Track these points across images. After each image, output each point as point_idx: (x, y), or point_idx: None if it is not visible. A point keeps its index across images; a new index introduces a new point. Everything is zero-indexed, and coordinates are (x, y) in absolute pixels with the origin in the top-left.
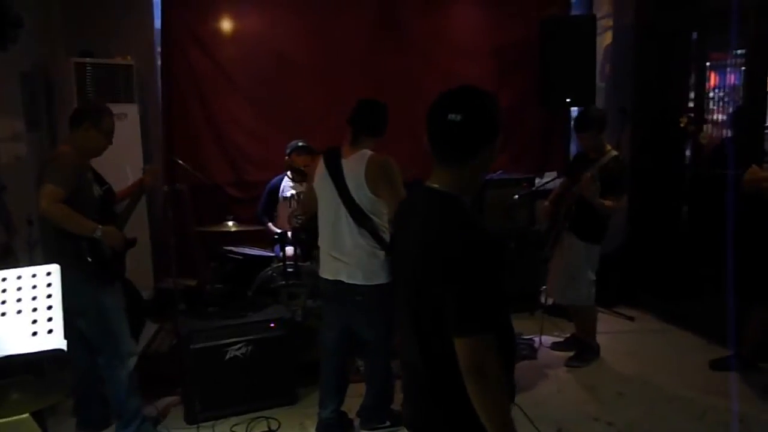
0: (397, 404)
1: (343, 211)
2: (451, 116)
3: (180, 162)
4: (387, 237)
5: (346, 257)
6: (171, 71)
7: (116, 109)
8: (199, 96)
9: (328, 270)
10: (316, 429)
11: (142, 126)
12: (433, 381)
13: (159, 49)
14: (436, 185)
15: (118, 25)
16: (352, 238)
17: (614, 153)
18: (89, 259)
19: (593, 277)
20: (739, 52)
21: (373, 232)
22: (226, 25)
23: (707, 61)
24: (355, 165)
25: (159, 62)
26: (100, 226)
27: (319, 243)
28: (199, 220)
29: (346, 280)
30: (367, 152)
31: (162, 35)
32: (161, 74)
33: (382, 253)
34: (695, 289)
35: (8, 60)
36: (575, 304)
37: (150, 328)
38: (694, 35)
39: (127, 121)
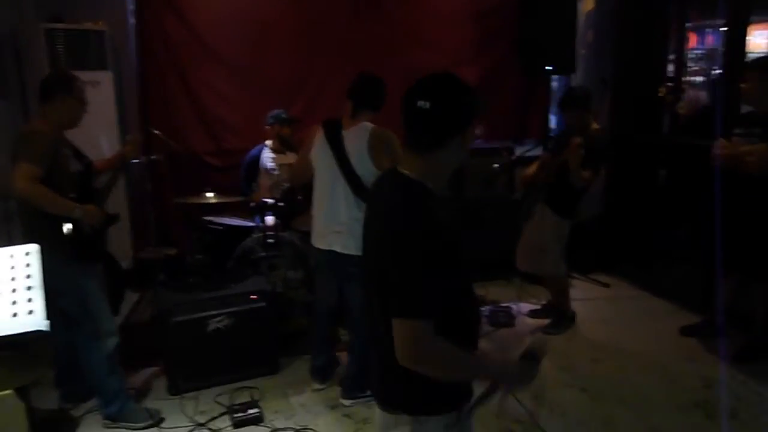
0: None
1: (341, 182)
2: (420, 103)
3: (156, 132)
4: None
5: (341, 228)
6: (145, 37)
7: (89, 76)
8: (175, 63)
9: (322, 240)
10: (311, 373)
11: (116, 94)
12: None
13: (133, 14)
14: (403, 170)
15: None
16: (348, 209)
17: (595, 127)
18: (68, 240)
19: (561, 251)
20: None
21: None
22: None
23: (686, 29)
24: (356, 137)
25: (133, 28)
26: (78, 206)
27: (313, 213)
28: (178, 190)
29: (339, 251)
30: (368, 124)
31: (136, 1)
32: (135, 41)
33: None
34: (669, 257)
35: None
36: (542, 273)
37: (130, 298)
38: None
39: (101, 89)
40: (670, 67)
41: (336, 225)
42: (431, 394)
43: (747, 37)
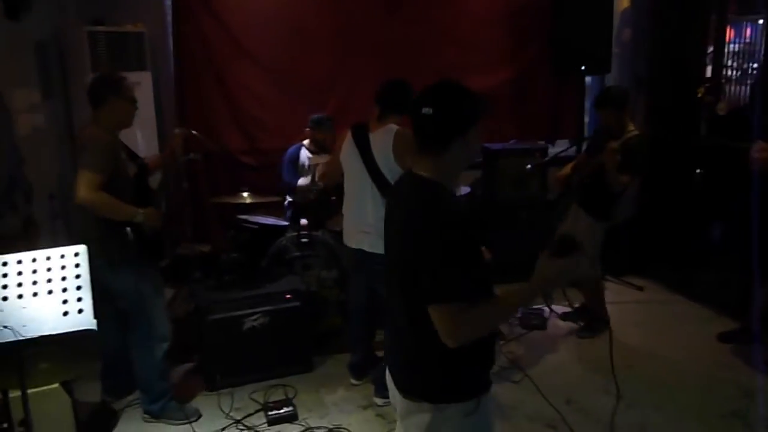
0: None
1: (368, 182)
2: (425, 110)
3: (194, 132)
4: None
5: (369, 227)
6: (183, 39)
7: (129, 77)
8: (211, 64)
9: (352, 239)
10: (349, 368)
11: (155, 94)
12: (417, 345)
13: (171, 16)
14: (419, 171)
15: None
16: (375, 209)
17: (636, 132)
18: (131, 243)
19: (595, 253)
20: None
21: None
22: None
23: (725, 25)
24: (381, 138)
25: (171, 29)
26: (141, 210)
27: (344, 212)
28: (214, 188)
29: (367, 249)
30: (394, 126)
31: (173, 1)
32: (173, 42)
33: None
34: (705, 261)
35: (22, 30)
36: (579, 277)
37: (166, 294)
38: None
39: (140, 89)
40: (709, 66)
41: (364, 225)
42: (451, 382)
43: None
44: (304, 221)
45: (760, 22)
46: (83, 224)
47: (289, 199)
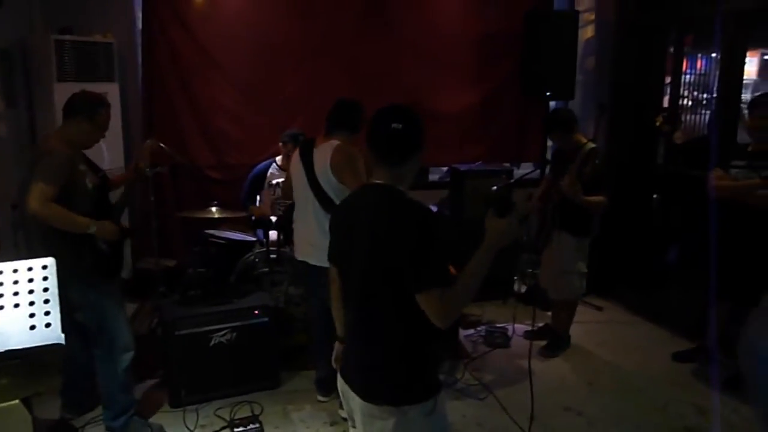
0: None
1: (311, 196)
2: (395, 125)
3: (161, 145)
4: None
5: (313, 241)
6: (152, 50)
7: (96, 88)
8: (180, 76)
9: (300, 251)
10: (315, 384)
11: (122, 106)
12: (382, 348)
13: (140, 27)
14: (379, 181)
15: (99, 1)
16: (318, 223)
17: (591, 146)
18: (86, 256)
19: (584, 269)
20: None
21: None
22: (210, 4)
23: (683, 57)
24: (323, 153)
25: (140, 40)
26: (93, 222)
27: (293, 225)
28: (179, 202)
29: (311, 262)
30: (335, 142)
31: (143, 13)
32: (142, 53)
33: None
34: (662, 283)
35: None
36: (568, 298)
37: (128, 309)
38: (673, 33)
39: (108, 100)
40: (667, 95)
41: (310, 238)
42: (413, 384)
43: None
44: (273, 234)
45: (713, 55)
46: (42, 236)
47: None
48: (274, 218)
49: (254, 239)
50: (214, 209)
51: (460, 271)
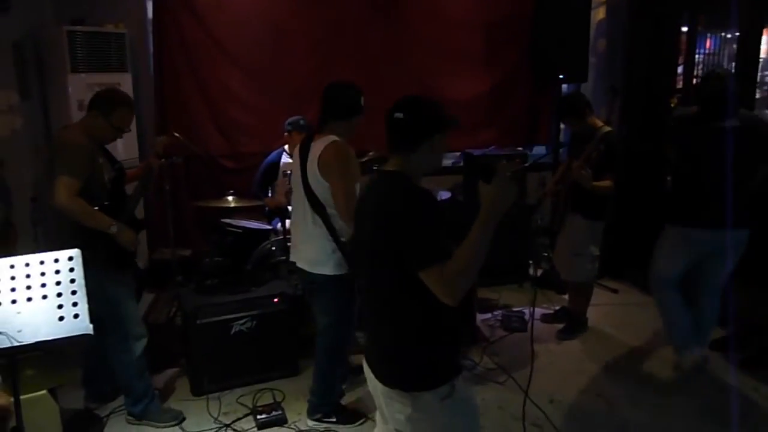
0: (346, 400)
1: (302, 194)
2: (397, 115)
3: (176, 134)
4: (341, 228)
5: (301, 243)
6: (163, 40)
7: (109, 78)
8: (192, 66)
9: (292, 252)
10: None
11: (135, 96)
12: (394, 334)
13: (151, 17)
14: (389, 168)
15: None
16: (306, 224)
17: (606, 129)
18: (102, 249)
19: (597, 252)
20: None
21: (327, 222)
22: None
23: (697, 38)
24: (315, 150)
25: (151, 30)
26: (115, 223)
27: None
28: (194, 192)
29: (299, 264)
30: (331, 138)
31: (154, 2)
32: (153, 43)
33: (331, 245)
34: None
35: (0, 30)
36: (580, 280)
37: (146, 298)
38: (686, 13)
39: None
40: (680, 76)
41: (298, 239)
42: (424, 369)
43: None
44: (289, 223)
45: (724, 34)
46: (59, 227)
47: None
48: (290, 207)
49: (270, 228)
50: (230, 198)
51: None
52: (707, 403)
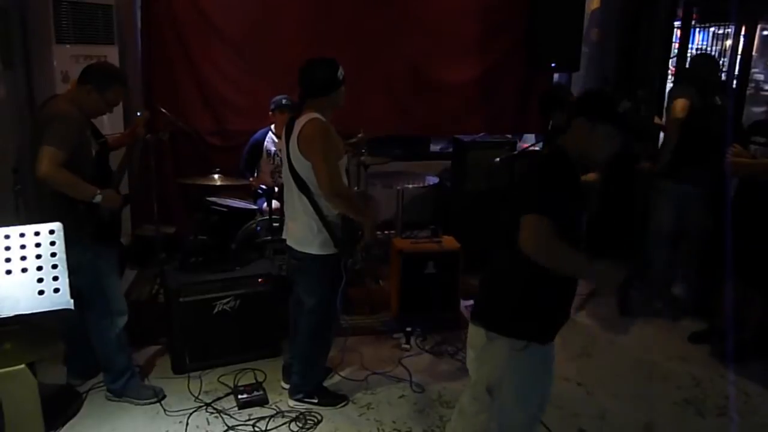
0: (328, 382)
1: (288, 173)
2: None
3: (163, 110)
4: (326, 208)
5: (290, 221)
6: (151, 13)
7: (95, 51)
8: (181, 41)
9: (284, 230)
10: (282, 372)
11: (121, 70)
12: (502, 279)
13: None
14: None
15: None
16: (293, 202)
17: None
18: (86, 221)
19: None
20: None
21: (312, 201)
22: None
23: (691, 30)
24: (296, 129)
25: (140, 3)
26: (99, 191)
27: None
28: (179, 169)
29: (288, 242)
30: (311, 116)
31: None
32: (141, 16)
33: (317, 224)
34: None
35: None
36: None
37: (128, 275)
38: (681, 6)
39: None
40: (672, 69)
41: (288, 217)
42: (508, 318)
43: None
44: (276, 204)
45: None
46: (40, 199)
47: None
48: (277, 188)
49: (255, 207)
50: (216, 176)
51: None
52: (684, 393)
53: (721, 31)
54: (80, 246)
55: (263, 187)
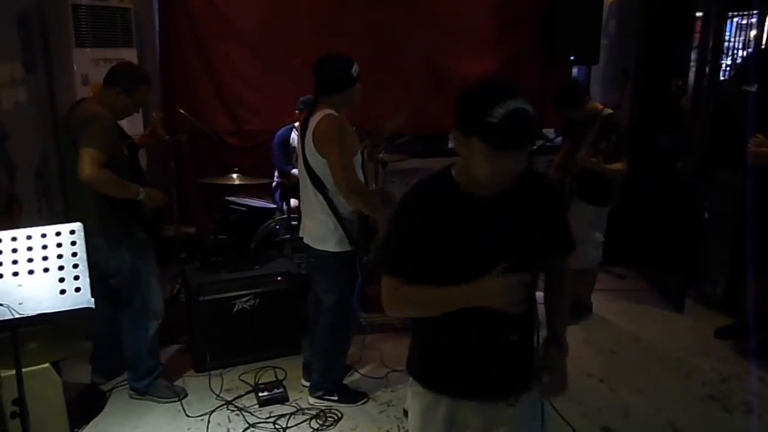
0: (348, 380)
1: (304, 171)
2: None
3: (181, 111)
4: (341, 205)
5: (306, 218)
6: (169, 16)
7: (114, 54)
8: (198, 43)
9: (301, 228)
10: (303, 370)
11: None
12: None
13: None
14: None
15: None
16: (309, 200)
17: (606, 112)
18: (133, 224)
19: (601, 238)
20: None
21: (327, 199)
22: None
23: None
24: (311, 126)
25: (157, 6)
26: (142, 188)
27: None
28: (198, 169)
29: (305, 240)
30: (325, 112)
31: None
32: (159, 19)
33: (333, 222)
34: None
35: (4, 1)
36: (584, 266)
37: None
38: None
39: None
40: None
41: (304, 215)
42: (411, 357)
43: None
44: (294, 202)
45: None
46: (81, 203)
47: (276, 180)
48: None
49: (274, 206)
50: (234, 176)
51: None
52: (709, 390)
53: (744, 22)
54: (125, 249)
55: (276, 180)
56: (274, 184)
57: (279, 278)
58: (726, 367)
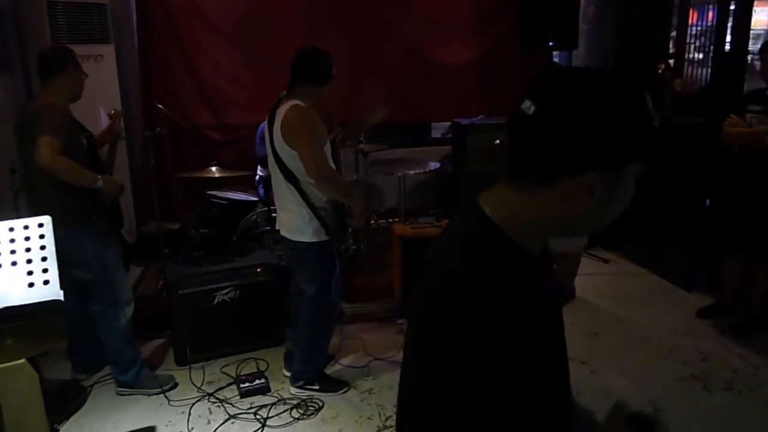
0: (330, 370)
1: (273, 162)
2: (524, 105)
3: (160, 106)
4: (314, 196)
5: (281, 210)
6: (146, 11)
7: (91, 50)
8: (177, 37)
9: (276, 220)
10: (284, 360)
11: (119, 68)
12: None
13: None
14: (485, 205)
15: None
16: (282, 192)
17: None
18: (93, 212)
19: None
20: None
21: (299, 190)
22: None
23: (689, 5)
24: (279, 117)
25: (134, 1)
26: (99, 176)
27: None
28: (180, 164)
29: (282, 232)
30: (291, 103)
31: None
32: (137, 14)
33: (307, 213)
34: (666, 236)
35: None
36: (567, 250)
37: (134, 272)
38: None
39: (103, 62)
40: (672, 44)
41: (278, 207)
42: None
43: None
44: None
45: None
46: (41, 193)
47: (260, 173)
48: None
49: (256, 199)
50: (213, 169)
51: None
52: (690, 369)
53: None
54: (86, 238)
55: (260, 174)
56: (257, 177)
57: (259, 269)
58: (707, 346)
